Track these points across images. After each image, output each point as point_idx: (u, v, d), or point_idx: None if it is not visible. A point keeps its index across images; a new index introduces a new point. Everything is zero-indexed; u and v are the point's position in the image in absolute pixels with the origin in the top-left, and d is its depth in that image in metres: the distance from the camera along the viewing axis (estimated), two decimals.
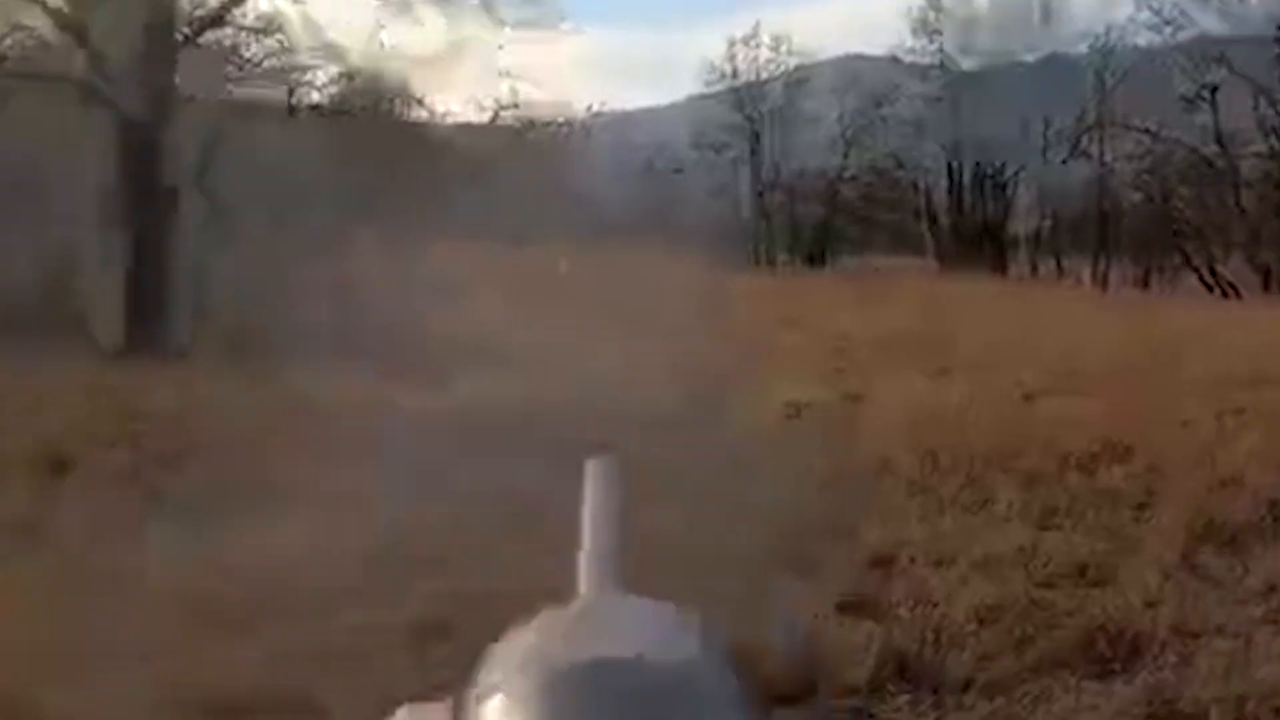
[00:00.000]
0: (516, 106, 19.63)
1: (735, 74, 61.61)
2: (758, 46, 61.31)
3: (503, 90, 19.91)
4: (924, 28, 53.73)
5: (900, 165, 56.00)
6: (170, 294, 17.47)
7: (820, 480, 11.29)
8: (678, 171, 62.57)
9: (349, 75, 18.99)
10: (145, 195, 17.29)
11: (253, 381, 14.82)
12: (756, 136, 62.22)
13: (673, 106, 73.12)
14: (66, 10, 17.32)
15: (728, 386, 19.49)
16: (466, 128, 24.05)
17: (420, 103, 19.19)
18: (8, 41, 18.43)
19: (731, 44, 61.51)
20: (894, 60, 55.89)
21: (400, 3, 18.84)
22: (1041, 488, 11.67)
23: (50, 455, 10.96)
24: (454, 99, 20.24)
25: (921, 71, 54.92)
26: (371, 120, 20.01)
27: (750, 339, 25.06)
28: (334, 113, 19.32)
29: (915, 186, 55.54)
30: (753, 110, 61.57)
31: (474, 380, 16.57)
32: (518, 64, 19.95)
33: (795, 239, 59.29)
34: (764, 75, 61.54)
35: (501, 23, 19.23)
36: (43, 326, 16.16)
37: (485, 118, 19.38)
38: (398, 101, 19.37)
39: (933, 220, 54.16)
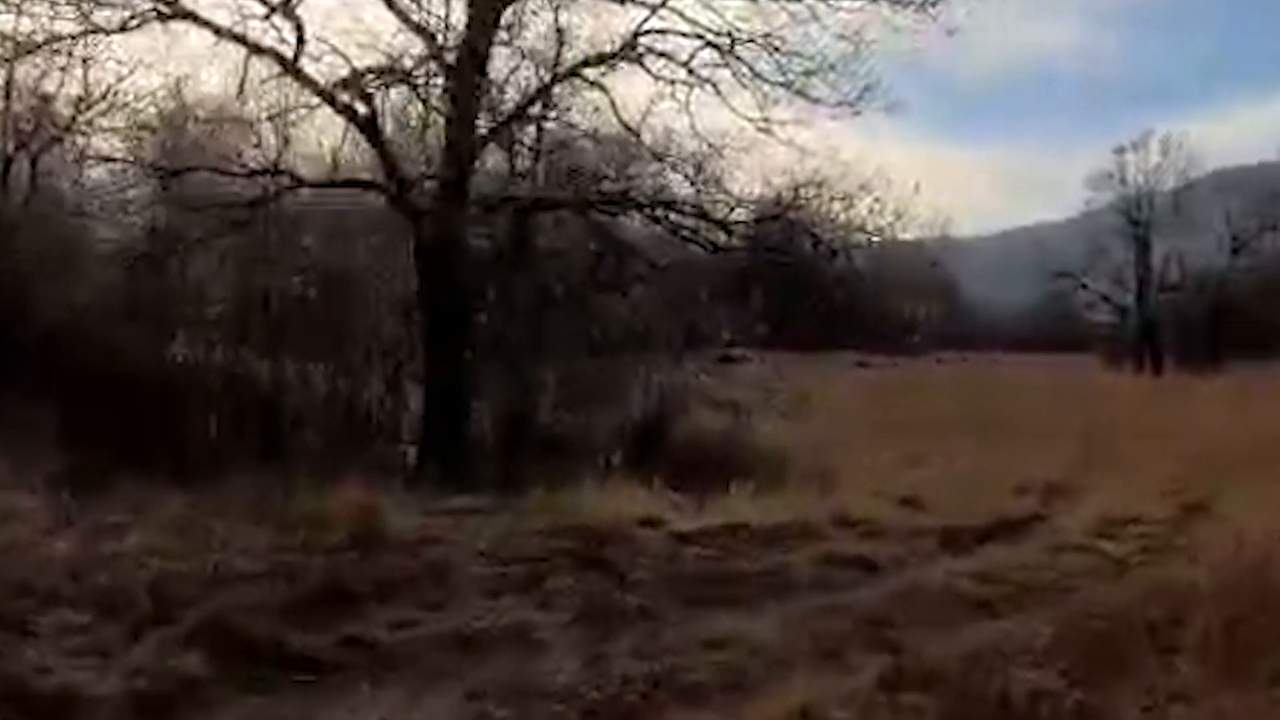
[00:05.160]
0: (818, 185, 16.93)
1: (1124, 181, 58.07)
2: (1146, 153, 57.75)
3: (801, 172, 17.25)
4: None
5: None
6: (466, 403, 16.26)
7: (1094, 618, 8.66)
8: (1062, 275, 59.10)
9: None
10: (444, 294, 16.12)
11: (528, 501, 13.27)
12: (1144, 243, 58.36)
13: (1064, 218, 69.65)
14: (361, 112, 16.19)
15: (1061, 497, 16.85)
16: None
17: (719, 184, 16.92)
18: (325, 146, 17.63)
19: (1120, 151, 58.07)
20: None
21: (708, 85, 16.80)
22: None
23: None
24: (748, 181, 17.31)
25: None
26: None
27: (1109, 444, 21.95)
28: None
29: None
30: (1140, 216, 57.88)
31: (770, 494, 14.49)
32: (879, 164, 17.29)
33: (1185, 342, 54.67)
34: (1152, 182, 57.84)
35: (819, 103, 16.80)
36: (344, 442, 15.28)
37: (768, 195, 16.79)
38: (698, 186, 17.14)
39: None
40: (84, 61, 17.94)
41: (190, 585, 8.67)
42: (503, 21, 16.37)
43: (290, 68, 15.59)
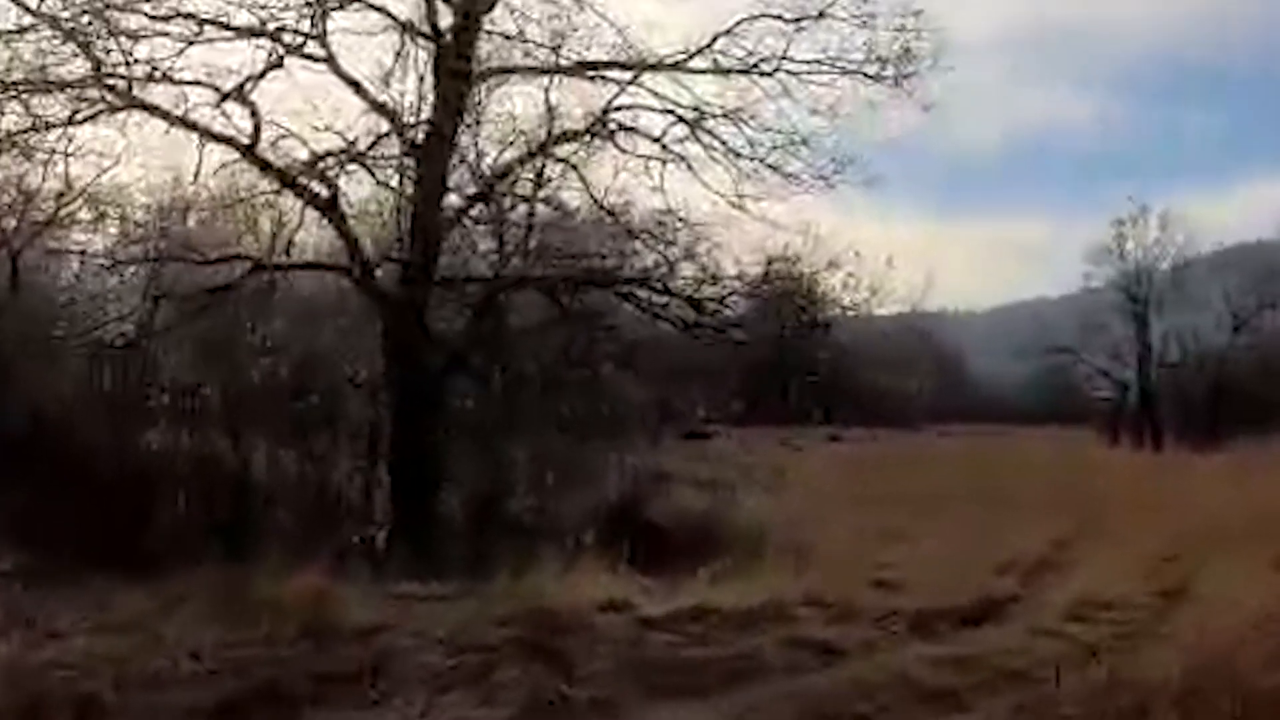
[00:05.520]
0: (789, 261, 16.79)
1: (1123, 256, 57.85)
2: (1145, 228, 57.56)
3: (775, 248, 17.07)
4: None
5: None
6: (436, 484, 15.95)
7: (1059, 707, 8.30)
8: (1061, 350, 58.78)
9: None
10: (411, 375, 15.85)
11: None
12: (1143, 319, 58.03)
13: (1059, 294, 69.43)
14: (323, 195, 15.98)
15: (1045, 575, 16.43)
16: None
17: (693, 261, 16.73)
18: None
19: (1119, 224, 57.85)
20: None
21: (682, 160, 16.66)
22: None
23: None
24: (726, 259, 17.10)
25: None
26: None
27: (1098, 519, 21.52)
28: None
29: None
30: (1140, 293, 57.60)
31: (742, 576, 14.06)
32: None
33: (1185, 418, 54.18)
34: (1151, 257, 57.61)
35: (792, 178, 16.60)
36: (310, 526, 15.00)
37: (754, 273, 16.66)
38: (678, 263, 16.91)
39: None
40: (66, 156, 17.84)
41: (126, 690, 8.32)
42: (469, 102, 16.26)
43: (248, 153, 15.43)
